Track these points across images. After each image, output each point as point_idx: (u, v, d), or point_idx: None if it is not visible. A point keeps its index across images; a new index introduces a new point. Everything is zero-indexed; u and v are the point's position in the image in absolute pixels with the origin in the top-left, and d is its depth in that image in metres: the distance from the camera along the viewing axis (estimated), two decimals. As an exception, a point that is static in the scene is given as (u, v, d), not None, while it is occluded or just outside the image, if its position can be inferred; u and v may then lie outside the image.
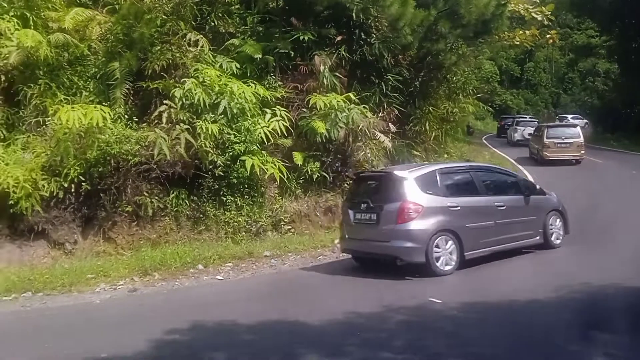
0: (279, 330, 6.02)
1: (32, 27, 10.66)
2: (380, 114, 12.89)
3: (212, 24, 12.44)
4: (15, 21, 10.59)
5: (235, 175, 10.52)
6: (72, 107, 9.72)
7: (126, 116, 10.52)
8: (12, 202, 9.10)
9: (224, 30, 12.66)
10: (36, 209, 9.25)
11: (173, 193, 10.24)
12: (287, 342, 5.65)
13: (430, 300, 6.70)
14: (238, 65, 11.62)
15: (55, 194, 9.41)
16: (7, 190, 9.09)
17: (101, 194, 9.76)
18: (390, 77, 13.43)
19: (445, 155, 15.20)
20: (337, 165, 11.84)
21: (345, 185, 11.80)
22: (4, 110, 10.31)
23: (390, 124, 12.81)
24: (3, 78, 10.36)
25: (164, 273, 8.72)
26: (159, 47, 11.04)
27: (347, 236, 8.75)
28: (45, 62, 10.42)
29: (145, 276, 8.60)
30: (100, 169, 9.71)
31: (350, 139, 11.82)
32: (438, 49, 14.55)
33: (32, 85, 10.34)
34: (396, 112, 13.23)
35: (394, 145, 12.96)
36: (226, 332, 6.03)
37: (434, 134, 14.80)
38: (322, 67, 12.17)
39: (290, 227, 10.99)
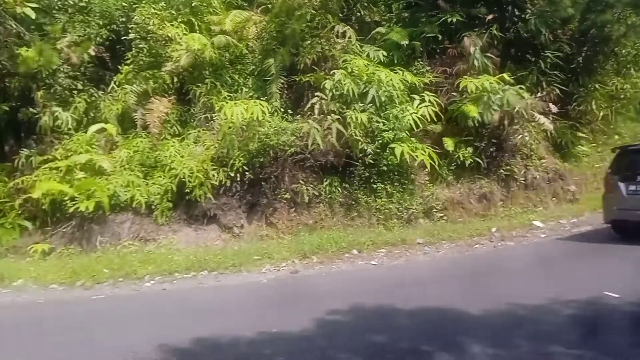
0: (439, 317, 5.92)
1: (197, 31, 11.77)
2: (538, 94, 12.01)
3: (358, 14, 12.58)
4: (183, 27, 11.76)
5: (385, 162, 10.58)
6: (235, 103, 10.53)
7: (282, 109, 11.12)
8: (188, 190, 10.18)
9: (369, 20, 12.73)
10: (208, 196, 10.22)
11: (326, 181, 10.61)
12: (448, 330, 5.54)
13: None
14: (385, 53, 11.63)
15: (223, 182, 10.29)
16: (183, 180, 10.20)
17: (262, 183, 10.46)
18: (548, 54, 12.41)
19: (616, 137, 13.64)
20: (491, 150, 11.29)
21: (502, 170, 11.22)
22: (178, 108, 11.50)
23: (550, 104, 11.86)
24: (175, 79, 11.57)
25: (321, 257, 9.08)
26: (309, 42, 11.46)
27: (615, 208, 8.99)
28: (210, 63, 11.44)
29: (305, 259, 9.03)
30: (261, 159, 10.40)
31: (506, 122, 11.18)
32: (604, 20, 13.08)
33: (199, 84, 11.42)
34: (557, 91, 12.18)
35: (556, 127, 12.00)
36: (385, 315, 6.08)
37: (601, 114, 13.36)
38: (472, 49, 11.67)
39: (442, 214, 10.76)
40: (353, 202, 10.58)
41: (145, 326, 6.24)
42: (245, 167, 10.31)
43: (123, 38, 11.93)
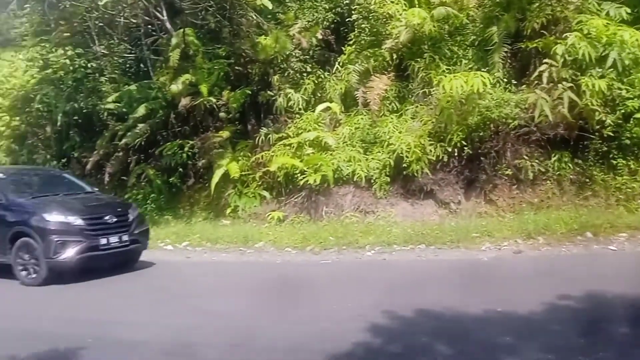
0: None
1: (416, 6, 11.68)
2: None
3: (597, -33, 11.07)
4: (403, 3, 11.78)
5: (628, 135, 9.30)
6: (454, 76, 10.25)
7: (504, 80, 10.49)
8: (405, 165, 10.35)
9: (610, -27, 11.11)
10: (425, 171, 10.26)
11: (555, 156, 9.76)
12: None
13: None
14: (629, 10, 10.06)
15: (440, 158, 10.21)
16: (400, 155, 10.40)
17: (481, 158, 10.09)
18: None
19: None
20: None
21: None
22: (397, 84, 11.68)
23: None
24: (395, 56, 11.72)
25: (548, 238, 8.43)
26: (537, 4, 10.49)
27: None
28: (429, 37, 11.30)
29: (529, 239, 8.50)
30: (480, 134, 10.03)
31: None
32: None
33: (418, 59, 11.37)
34: None
35: None
36: (629, 306, 5.39)
37: None
38: None
39: None
40: (587, 180, 9.55)
41: (369, 293, 6.59)
42: (463, 142, 10.06)
43: (346, 20, 12.51)
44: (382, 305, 5.72)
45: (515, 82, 10.43)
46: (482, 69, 10.51)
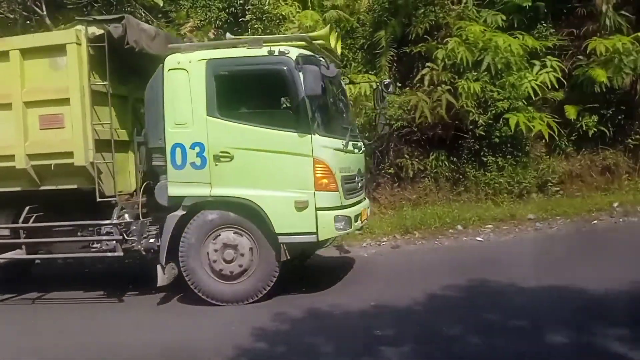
0: (553, 295, 5.58)
1: (310, 8, 11.94)
2: (682, 55, 10.55)
3: (477, -23, 11.83)
4: (297, 5, 11.99)
5: (498, 134, 10.08)
6: (342, 78, 10.56)
7: (390, 82, 10.97)
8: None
9: (489, -17, 11.93)
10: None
11: (432, 155, 10.42)
12: (564, 309, 5.20)
13: None
14: (504, 17, 10.87)
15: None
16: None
17: (366, 158, 10.44)
18: (697, 9, 10.80)
19: None
20: (619, 118, 10.24)
21: (630, 140, 10.16)
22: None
23: (696, 67, 10.39)
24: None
25: (423, 232, 9.03)
26: (422, 10, 10.98)
27: None
28: (321, 39, 11.55)
29: (406, 234, 9.04)
30: (366, 134, 10.41)
31: (639, 87, 10.07)
32: None
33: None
34: None
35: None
36: (498, 292, 5.85)
37: None
38: (604, 7, 10.53)
39: (558, 188, 10.11)
40: (460, 177, 10.31)
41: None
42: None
43: (240, 20, 12.42)
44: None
45: (399, 84, 10.91)
46: (370, 72, 10.97)
